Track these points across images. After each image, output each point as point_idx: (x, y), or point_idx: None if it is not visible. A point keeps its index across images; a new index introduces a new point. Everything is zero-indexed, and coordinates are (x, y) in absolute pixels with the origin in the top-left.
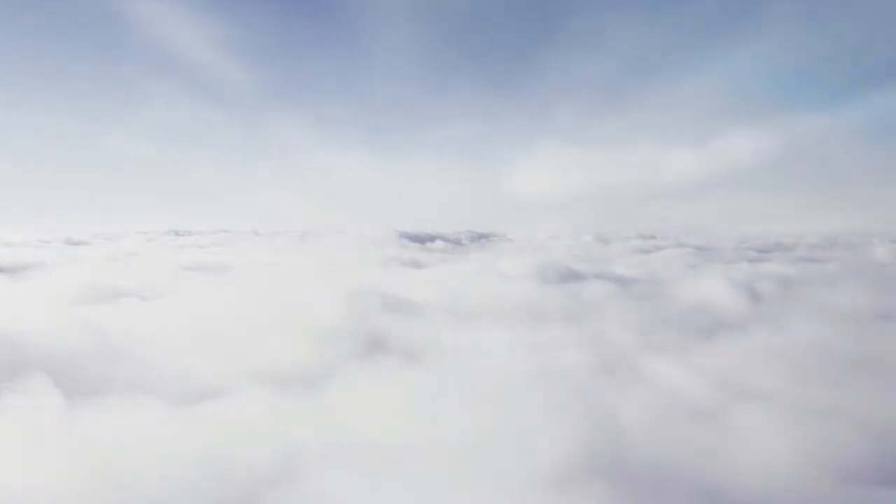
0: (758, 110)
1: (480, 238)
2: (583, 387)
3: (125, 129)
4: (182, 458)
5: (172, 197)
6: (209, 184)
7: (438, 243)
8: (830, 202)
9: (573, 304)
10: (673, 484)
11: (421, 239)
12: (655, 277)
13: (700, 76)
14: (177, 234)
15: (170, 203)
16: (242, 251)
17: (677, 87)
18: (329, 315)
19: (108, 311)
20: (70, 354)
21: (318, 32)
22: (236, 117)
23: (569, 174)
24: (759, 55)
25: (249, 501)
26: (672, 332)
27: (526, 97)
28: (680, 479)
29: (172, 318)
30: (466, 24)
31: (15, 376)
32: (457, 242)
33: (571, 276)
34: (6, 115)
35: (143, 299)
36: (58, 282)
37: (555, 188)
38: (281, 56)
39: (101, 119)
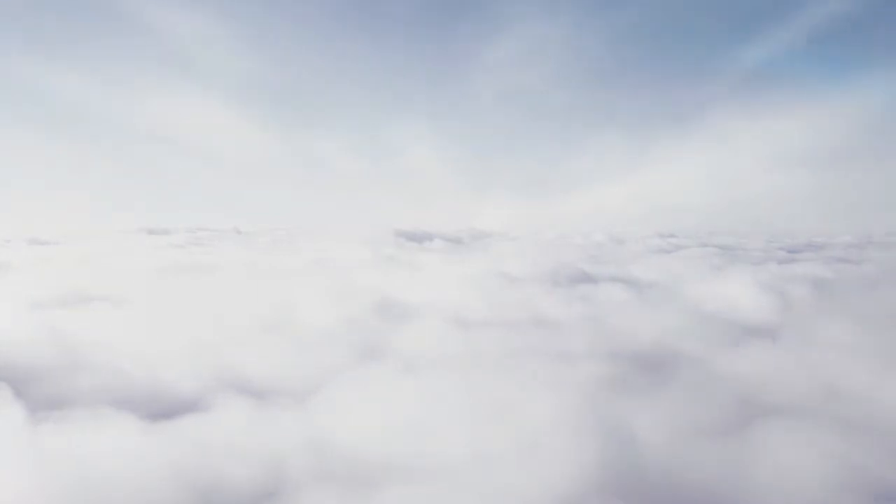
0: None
1: (482, 237)
2: (595, 398)
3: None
4: (155, 477)
5: (146, 193)
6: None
7: (437, 242)
8: (866, 198)
9: (585, 309)
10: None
11: (419, 238)
12: (676, 280)
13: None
14: (150, 232)
15: (143, 199)
16: (223, 251)
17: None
18: (318, 320)
19: (75, 317)
20: (34, 364)
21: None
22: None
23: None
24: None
25: None
26: (694, 340)
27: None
28: (701, 499)
29: (145, 325)
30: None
31: None
32: (457, 241)
33: (583, 279)
34: None
35: (113, 304)
36: (22, 285)
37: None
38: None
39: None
